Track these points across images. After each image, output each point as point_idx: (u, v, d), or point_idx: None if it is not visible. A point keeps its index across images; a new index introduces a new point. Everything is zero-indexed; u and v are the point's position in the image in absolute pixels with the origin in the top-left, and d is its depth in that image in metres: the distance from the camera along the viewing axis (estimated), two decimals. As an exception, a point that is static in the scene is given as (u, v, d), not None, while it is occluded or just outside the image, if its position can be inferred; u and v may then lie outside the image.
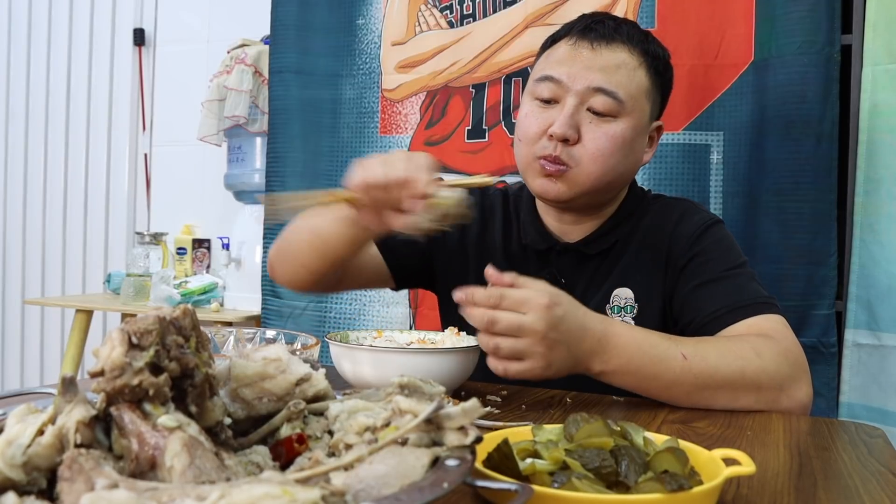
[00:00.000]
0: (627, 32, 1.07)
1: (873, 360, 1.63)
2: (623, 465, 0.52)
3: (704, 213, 1.13)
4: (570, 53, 1.06)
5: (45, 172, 3.18)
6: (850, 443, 0.78)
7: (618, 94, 1.03)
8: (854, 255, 1.65)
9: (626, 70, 1.05)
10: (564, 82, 1.04)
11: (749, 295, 1.00)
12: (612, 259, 1.12)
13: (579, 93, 1.03)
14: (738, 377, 0.88)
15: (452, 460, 0.42)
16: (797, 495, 0.59)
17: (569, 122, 1.02)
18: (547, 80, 1.06)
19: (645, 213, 1.15)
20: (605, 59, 1.04)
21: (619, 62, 1.05)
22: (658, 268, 1.09)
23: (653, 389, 0.89)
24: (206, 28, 2.91)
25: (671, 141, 1.80)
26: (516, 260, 1.17)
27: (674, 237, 1.10)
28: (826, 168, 1.65)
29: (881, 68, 1.63)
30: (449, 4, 2.06)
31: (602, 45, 1.05)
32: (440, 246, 1.22)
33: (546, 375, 0.83)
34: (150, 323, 0.44)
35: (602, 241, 1.13)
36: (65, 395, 0.43)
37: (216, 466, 0.40)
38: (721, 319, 0.99)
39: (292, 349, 0.63)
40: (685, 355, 0.88)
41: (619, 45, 1.05)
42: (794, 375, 0.92)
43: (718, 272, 1.04)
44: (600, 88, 1.03)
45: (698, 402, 0.89)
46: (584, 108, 1.04)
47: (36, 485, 0.40)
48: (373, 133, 2.14)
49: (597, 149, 1.03)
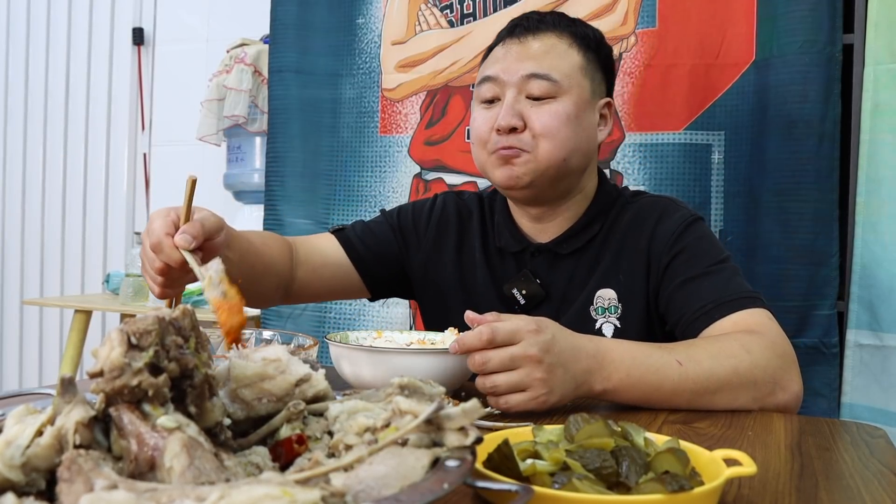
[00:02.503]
0: (553, 21, 1.12)
1: (875, 361, 1.62)
2: (624, 465, 0.52)
3: (684, 210, 1.13)
4: (502, 52, 1.11)
5: (43, 172, 3.18)
6: (851, 443, 0.78)
7: (551, 76, 1.06)
8: (856, 255, 1.65)
9: (557, 52, 1.09)
10: (501, 78, 1.08)
11: (734, 290, 1.00)
12: (589, 259, 1.12)
13: (515, 83, 1.07)
14: (733, 376, 0.88)
15: (453, 461, 0.42)
16: (798, 496, 0.59)
17: (511, 111, 1.06)
18: (486, 81, 1.10)
19: (623, 211, 1.14)
20: (535, 48, 1.09)
21: (548, 47, 1.09)
22: (640, 267, 1.09)
23: (655, 401, 0.88)
24: (205, 27, 2.91)
25: (672, 141, 1.80)
26: (493, 263, 1.18)
27: (654, 236, 1.09)
28: (827, 168, 1.65)
29: (883, 68, 1.62)
30: (449, 4, 2.06)
31: (529, 37, 1.10)
32: (414, 253, 1.22)
33: (550, 401, 0.81)
34: (149, 323, 0.44)
35: (574, 240, 1.13)
36: (64, 395, 0.43)
37: (215, 467, 0.40)
38: (707, 315, 0.99)
39: (290, 350, 0.63)
40: (680, 361, 0.87)
41: (545, 33, 1.10)
42: (785, 366, 0.92)
43: (702, 268, 1.04)
44: (533, 74, 1.07)
45: (698, 406, 0.88)
46: (523, 97, 1.07)
47: (35, 486, 0.40)
48: (373, 133, 2.14)
49: (543, 126, 1.06)
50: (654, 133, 1.82)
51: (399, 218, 1.25)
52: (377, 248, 1.21)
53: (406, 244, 1.23)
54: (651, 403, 0.89)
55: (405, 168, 2.09)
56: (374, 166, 2.13)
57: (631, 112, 1.84)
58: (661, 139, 1.81)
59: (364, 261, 1.20)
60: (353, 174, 2.14)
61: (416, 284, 1.24)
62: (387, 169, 2.11)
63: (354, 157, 2.14)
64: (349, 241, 1.20)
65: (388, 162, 2.11)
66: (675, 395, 0.87)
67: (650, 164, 1.81)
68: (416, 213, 1.25)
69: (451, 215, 1.23)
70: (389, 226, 1.24)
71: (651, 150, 1.82)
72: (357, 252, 1.20)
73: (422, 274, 1.22)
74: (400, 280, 1.25)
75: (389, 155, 2.11)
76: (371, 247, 1.21)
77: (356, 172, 2.14)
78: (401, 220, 1.25)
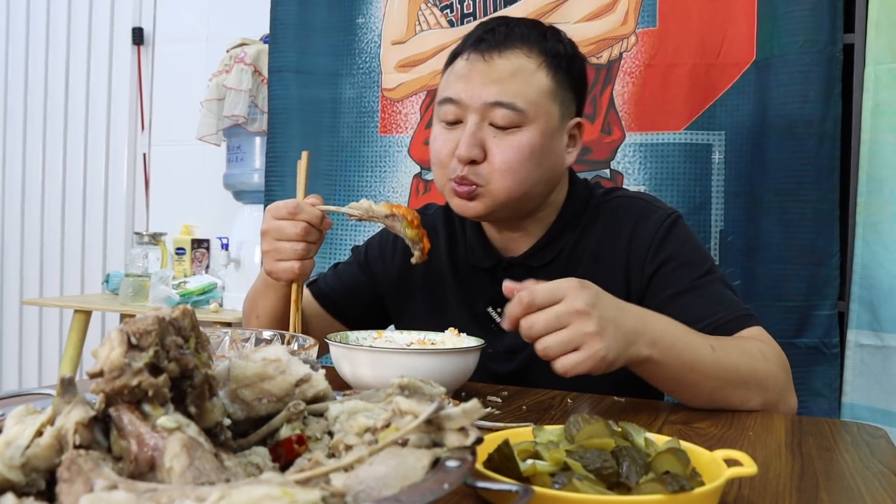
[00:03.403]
0: (522, 35, 1.03)
1: (876, 361, 1.62)
2: (624, 465, 0.52)
3: (660, 210, 1.07)
4: (466, 69, 1.03)
5: (43, 172, 3.18)
6: (852, 443, 0.78)
7: (516, 105, 0.99)
8: (856, 255, 1.65)
9: (523, 76, 1.01)
10: (463, 101, 1.01)
11: (728, 306, 0.98)
12: (564, 270, 1.06)
13: (478, 110, 1.00)
14: (752, 376, 0.89)
15: (453, 461, 0.42)
16: (799, 496, 0.59)
17: (471, 141, 0.99)
18: (447, 103, 1.03)
19: (595, 217, 1.10)
20: (500, 70, 1.01)
21: (514, 69, 1.01)
22: (618, 275, 1.05)
23: (687, 381, 0.86)
24: (205, 27, 2.91)
25: (672, 141, 1.80)
26: (465, 281, 1.14)
27: (633, 243, 1.05)
28: (828, 168, 1.65)
29: (883, 67, 1.62)
30: (449, 3, 2.06)
31: (495, 55, 1.01)
32: (384, 285, 1.20)
33: (608, 358, 0.77)
34: (149, 323, 0.44)
35: (546, 251, 1.09)
36: (63, 395, 0.43)
37: (215, 467, 0.40)
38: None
39: (290, 350, 0.63)
40: (713, 347, 0.87)
41: (512, 50, 1.02)
42: (788, 381, 0.94)
43: (691, 280, 1.00)
44: (498, 102, 0.99)
45: (718, 399, 0.88)
46: (486, 124, 1.01)
47: (35, 486, 0.40)
48: (373, 132, 2.14)
49: (504, 162, 1.00)
50: (654, 133, 1.82)
51: (367, 253, 1.22)
52: (349, 293, 1.19)
53: (375, 278, 1.21)
54: (681, 385, 0.87)
55: (405, 168, 2.09)
56: (374, 166, 2.13)
57: (631, 112, 1.84)
58: (661, 139, 1.81)
59: (338, 305, 1.19)
60: (353, 174, 2.14)
61: (392, 313, 1.22)
62: (387, 169, 2.11)
63: (354, 157, 2.14)
64: (322, 293, 1.20)
65: (388, 162, 2.11)
66: (706, 378, 0.86)
67: (650, 164, 1.81)
68: (383, 243, 1.22)
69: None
70: (358, 265, 1.22)
71: (651, 150, 1.82)
72: (331, 301, 1.19)
73: (393, 303, 1.20)
74: (379, 312, 1.22)
75: (389, 155, 2.11)
76: (343, 292, 1.19)
77: (356, 172, 2.14)
78: (368, 255, 1.22)
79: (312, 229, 1.00)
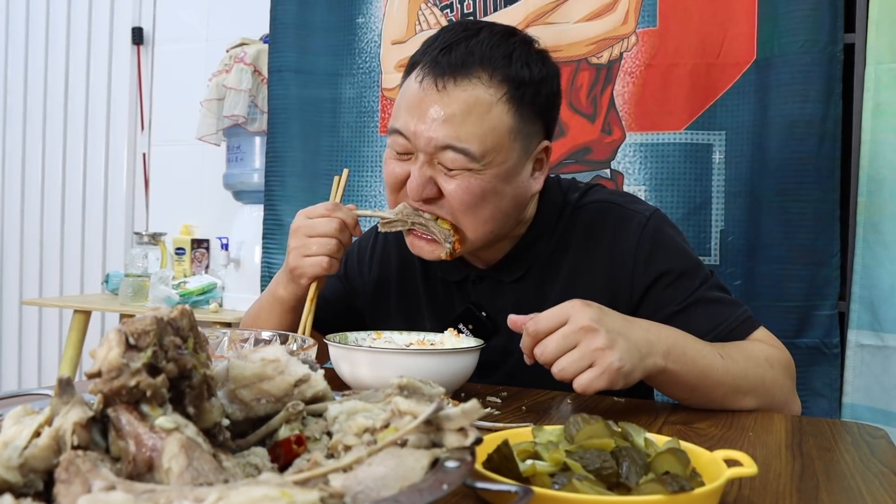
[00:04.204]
0: (482, 56, 0.91)
1: (876, 361, 1.62)
2: (624, 466, 0.52)
3: (637, 214, 1.02)
4: (417, 98, 0.93)
5: (42, 172, 3.18)
6: (852, 444, 0.78)
7: (469, 150, 0.90)
8: (857, 255, 1.65)
9: (479, 113, 0.90)
10: (412, 139, 0.93)
11: (731, 314, 0.97)
12: (537, 282, 1.03)
13: (428, 151, 0.92)
14: (760, 384, 0.90)
15: (452, 462, 0.42)
16: (799, 496, 0.59)
17: (421, 183, 0.93)
18: (396, 134, 0.95)
19: (571, 222, 1.04)
20: (453, 104, 0.90)
21: (469, 105, 0.90)
22: (601, 291, 0.98)
23: (701, 389, 0.86)
24: (205, 27, 2.90)
25: (672, 140, 1.79)
26: (436, 296, 1.11)
27: (614, 256, 1.00)
28: (829, 168, 1.65)
29: (884, 67, 1.62)
30: (449, 3, 2.06)
31: (449, 84, 0.90)
32: (362, 292, 1.17)
33: (623, 370, 0.76)
34: (147, 323, 0.43)
35: (518, 263, 1.04)
36: (61, 396, 0.43)
37: (214, 468, 0.40)
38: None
39: (289, 350, 0.63)
40: (721, 355, 0.87)
41: (469, 80, 0.90)
42: (792, 389, 0.95)
43: (690, 293, 0.97)
44: (449, 146, 0.90)
45: (728, 406, 0.89)
46: (436, 163, 0.93)
47: (32, 487, 0.40)
48: (373, 132, 2.14)
49: (460, 203, 0.93)
50: (654, 133, 1.81)
51: (346, 264, 1.19)
52: (330, 306, 1.14)
53: (355, 290, 1.18)
54: (694, 394, 0.87)
55: (405, 168, 2.09)
56: (375, 166, 2.12)
57: (631, 112, 1.84)
58: (661, 139, 1.81)
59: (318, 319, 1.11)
60: (353, 174, 2.14)
61: (368, 324, 1.17)
62: (387, 169, 2.11)
63: (354, 156, 2.14)
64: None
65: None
66: (718, 386, 0.86)
67: (651, 163, 1.81)
68: (360, 254, 1.19)
69: (392, 251, 1.16)
70: (337, 277, 1.18)
71: (652, 149, 1.81)
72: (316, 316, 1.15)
73: (370, 313, 1.18)
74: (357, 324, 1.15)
75: (389, 155, 2.11)
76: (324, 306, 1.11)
77: (356, 172, 2.14)
78: (347, 266, 1.19)
79: (346, 228, 0.99)
